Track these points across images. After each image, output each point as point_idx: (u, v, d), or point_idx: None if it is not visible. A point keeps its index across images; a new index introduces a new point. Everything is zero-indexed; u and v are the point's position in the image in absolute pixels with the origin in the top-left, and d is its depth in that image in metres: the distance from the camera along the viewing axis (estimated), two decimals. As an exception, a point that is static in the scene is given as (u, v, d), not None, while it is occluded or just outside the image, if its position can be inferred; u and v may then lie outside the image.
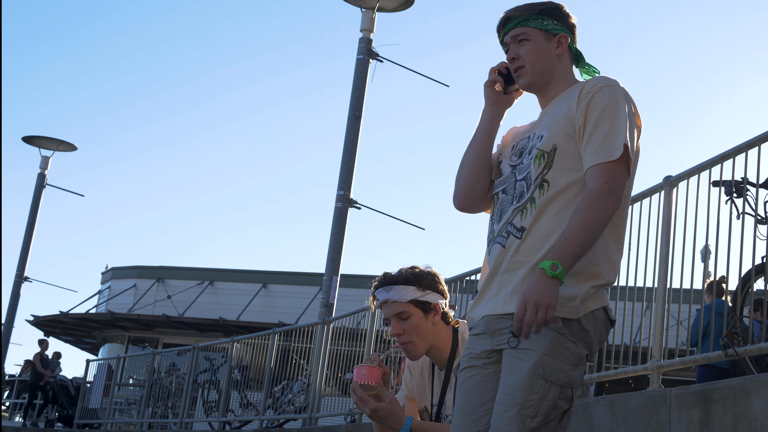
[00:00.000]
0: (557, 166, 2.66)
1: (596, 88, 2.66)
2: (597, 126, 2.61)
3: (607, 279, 2.66)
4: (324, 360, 9.97)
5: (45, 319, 25.42)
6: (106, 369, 17.49)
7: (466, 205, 2.89)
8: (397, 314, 3.27)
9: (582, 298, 2.59)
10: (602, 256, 2.64)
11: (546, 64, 2.79)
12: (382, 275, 3.33)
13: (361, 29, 12.88)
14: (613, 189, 2.56)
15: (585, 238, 2.50)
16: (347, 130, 12.59)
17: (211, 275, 25.92)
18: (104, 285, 27.69)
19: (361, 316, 9.72)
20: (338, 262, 12.11)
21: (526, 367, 2.53)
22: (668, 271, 5.23)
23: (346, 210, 12.26)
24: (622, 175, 2.59)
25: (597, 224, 2.52)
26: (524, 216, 2.67)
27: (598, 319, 2.63)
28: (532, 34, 2.80)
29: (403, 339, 3.27)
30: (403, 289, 3.26)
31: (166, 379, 15.36)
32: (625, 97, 2.66)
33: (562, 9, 2.84)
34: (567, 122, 2.67)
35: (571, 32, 2.83)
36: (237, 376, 12.91)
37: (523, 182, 2.71)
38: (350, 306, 11.06)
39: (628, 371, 5.48)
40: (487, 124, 2.89)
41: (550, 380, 2.52)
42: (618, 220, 2.70)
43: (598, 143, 2.59)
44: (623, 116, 2.61)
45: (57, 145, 20.02)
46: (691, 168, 5.15)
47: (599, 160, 2.58)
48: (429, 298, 3.27)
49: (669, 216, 5.28)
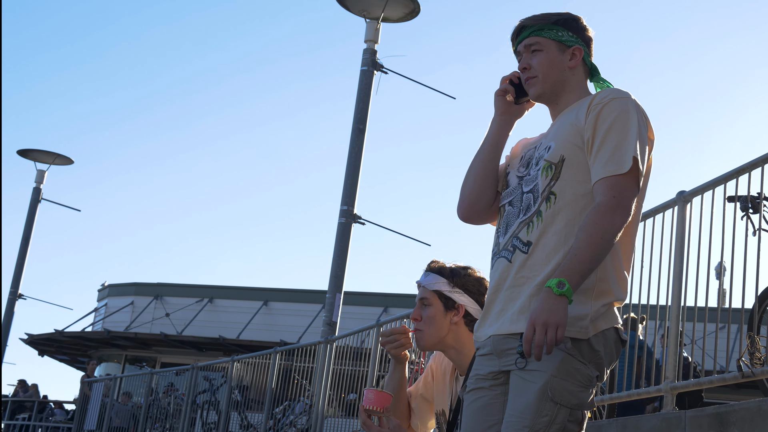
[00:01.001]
0: (565, 178, 2.65)
1: (606, 99, 2.66)
2: (606, 138, 2.61)
3: (618, 296, 2.64)
4: (327, 380, 9.94)
5: (39, 337, 25.41)
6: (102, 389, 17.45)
7: (470, 216, 2.89)
8: (421, 299, 3.34)
9: (592, 317, 2.58)
10: (612, 273, 2.63)
11: (558, 75, 2.79)
12: (431, 261, 3.42)
13: (366, 40, 12.90)
14: (621, 203, 2.55)
15: (592, 255, 2.50)
16: (351, 143, 12.60)
17: (210, 292, 25.90)
18: (101, 302, 27.69)
19: (365, 334, 9.69)
20: (342, 279, 12.09)
21: (534, 389, 2.52)
22: (682, 288, 5.22)
23: (350, 226, 12.26)
24: (630, 189, 2.58)
25: (604, 239, 2.51)
26: (531, 230, 2.66)
27: (608, 339, 2.62)
28: (546, 45, 2.80)
29: (417, 325, 3.33)
30: (435, 278, 3.33)
31: (164, 399, 15.33)
32: (636, 110, 2.65)
33: (579, 21, 2.83)
34: (575, 133, 2.67)
35: (586, 45, 2.83)
36: (237, 396, 12.87)
37: (530, 195, 2.71)
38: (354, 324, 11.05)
39: (641, 392, 5.45)
40: (495, 134, 2.90)
41: (560, 402, 2.51)
42: (627, 235, 2.69)
43: (606, 156, 2.59)
44: (633, 129, 2.61)
45: (53, 158, 20.05)
46: (706, 183, 5.14)
47: (607, 173, 2.58)
48: (455, 297, 3.30)
49: (683, 232, 5.27)
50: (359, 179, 12.46)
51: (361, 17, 12.93)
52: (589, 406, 2.59)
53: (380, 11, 12.81)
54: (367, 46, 12.90)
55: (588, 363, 2.56)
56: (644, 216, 5.62)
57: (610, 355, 2.63)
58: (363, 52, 12.92)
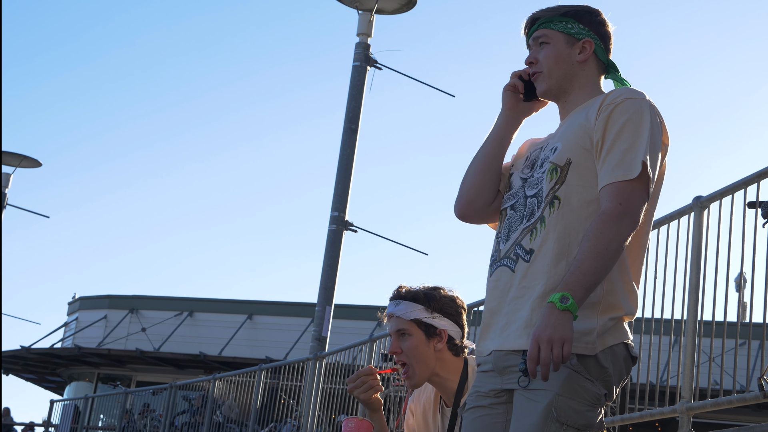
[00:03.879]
0: (571, 182, 2.66)
1: (619, 99, 2.66)
2: (616, 141, 2.61)
3: (627, 310, 2.65)
4: (316, 400, 9.94)
5: (5, 354, 25.31)
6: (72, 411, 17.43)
7: (467, 213, 2.91)
8: (398, 331, 3.32)
9: (599, 331, 2.59)
10: (620, 285, 2.64)
11: (565, 70, 2.80)
12: (397, 288, 3.39)
13: (358, 33, 12.92)
14: (627, 210, 2.56)
15: (597, 266, 2.50)
16: (342, 144, 12.61)
17: (190, 305, 25.88)
18: (71, 316, 27.64)
19: (357, 350, 9.69)
20: (332, 291, 12.10)
21: (538, 409, 2.53)
22: (699, 301, 5.23)
23: (341, 233, 12.27)
24: (639, 196, 2.59)
25: (609, 249, 2.52)
26: (533, 237, 2.67)
27: (617, 356, 2.63)
28: (553, 37, 2.81)
29: (400, 358, 3.31)
30: (410, 305, 3.31)
31: (139, 421, 15.33)
32: (650, 111, 2.66)
33: (593, 14, 2.84)
34: (584, 134, 2.68)
35: (601, 39, 2.83)
36: (219, 417, 12.87)
37: (534, 199, 2.72)
38: (345, 339, 11.04)
39: (655, 413, 5.46)
40: (500, 129, 2.91)
41: (566, 423, 2.52)
42: (637, 245, 2.70)
43: (615, 160, 2.60)
44: (645, 132, 2.61)
45: (19, 161, 20.05)
46: (724, 187, 5.15)
47: (615, 178, 2.58)
48: (435, 322, 3.30)
49: (699, 240, 5.28)
50: (351, 183, 12.47)
51: (353, 9, 12.95)
52: (598, 427, 2.60)
53: (374, 2, 12.83)
54: (359, 40, 12.92)
55: (595, 380, 2.57)
56: (658, 223, 5.62)
57: (620, 372, 2.64)
58: (355, 46, 12.94)
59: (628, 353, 2.66)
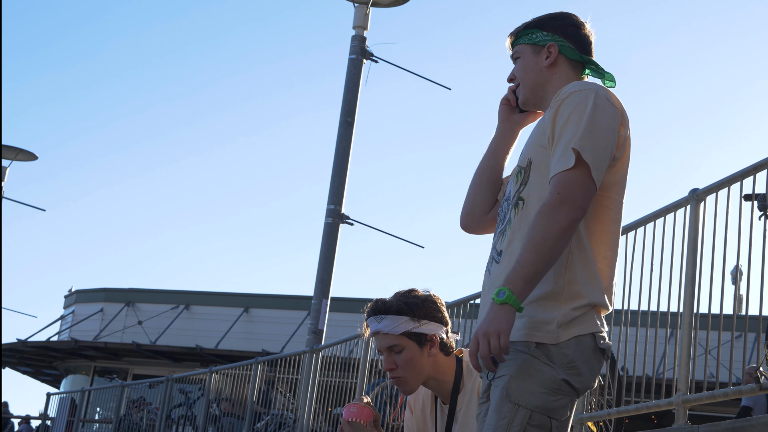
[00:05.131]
0: (532, 182, 2.74)
1: (566, 94, 2.71)
2: (561, 134, 2.67)
3: (592, 299, 2.66)
4: (312, 393, 9.95)
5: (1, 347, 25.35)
6: (68, 404, 17.43)
7: (467, 224, 3.05)
8: (389, 347, 3.27)
9: (560, 321, 2.62)
10: (583, 274, 2.66)
11: (534, 78, 2.88)
12: (374, 302, 3.34)
13: (354, 26, 12.91)
14: (565, 199, 2.59)
15: (535, 257, 2.55)
16: (338, 137, 12.61)
17: (186, 298, 25.89)
18: (67, 310, 27.64)
19: (353, 343, 9.70)
20: (328, 284, 12.11)
21: (497, 393, 2.62)
22: (695, 294, 5.24)
23: (338, 226, 12.27)
24: (579, 182, 2.61)
25: (546, 239, 2.55)
26: (503, 239, 2.77)
27: (585, 346, 2.65)
28: (522, 51, 2.91)
29: (396, 373, 3.28)
30: (395, 319, 3.26)
31: (136, 414, 15.32)
32: (596, 100, 2.67)
33: (557, 18, 2.90)
34: (541, 133, 2.75)
35: (569, 40, 2.87)
36: (215, 410, 12.88)
37: (506, 203, 2.83)
38: (341, 333, 11.04)
39: (651, 406, 5.47)
40: (495, 141, 3.04)
41: (517, 403, 2.58)
42: (604, 233, 2.71)
43: (559, 153, 2.65)
44: (586, 121, 2.64)
45: (15, 154, 20.01)
46: (721, 180, 5.16)
47: (557, 170, 2.64)
48: (424, 329, 3.27)
49: (696, 233, 5.28)
50: (347, 176, 12.47)
51: (349, 1, 12.94)
52: (559, 415, 2.62)
53: (370, -6, 12.81)
54: (355, 33, 12.91)
55: (557, 367, 2.61)
56: (654, 216, 5.63)
57: (589, 363, 2.66)
58: (351, 39, 12.93)
59: (595, 344, 2.66)
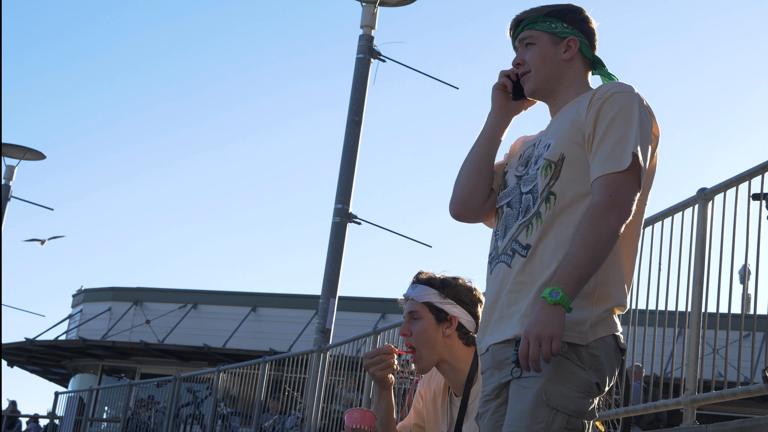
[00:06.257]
0: (565, 177, 2.71)
1: (608, 93, 2.71)
2: (606, 134, 2.66)
3: (618, 301, 2.69)
4: (320, 392, 9.96)
5: (9, 346, 25.39)
6: (77, 403, 17.47)
7: (461, 213, 2.95)
8: (410, 312, 3.36)
9: (592, 322, 2.63)
10: (614, 276, 2.69)
11: (552, 69, 2.85)
12: (418, 272, 3.44)
13: (362, 25, 12.91)
14: (617, 202, 2.60)
15: (588, 259, 2.55)
16: (346, 137, 12.61)
17: (194, 298, 25.91)
18: (75, 309, 27.68)
19: (361, 343, 9.71)
20: (336, 283, 12.11)
21: (529, 395, 2.58)
22: (703, 293, 5.23)
23: (345, 225, 12.27)
24: (629, 187, 2.63)
25: (599, 241, 2.56)
26: (530, 232, 2.72)
27: (608, 347, 2.67)
28: (539, 38, 2.86)
29: (409, 341, 3.35)
30: (425, 289, 3.36)
31: (143, 413, 15.34)
32: (639, 104, 2.70)
33: (576, 12, 2.89)
34: (576, 130, 2.73)
35: (586, 36, 2.88)
36: (223, 409, 12.89)
37: (529, 195, 2.77)
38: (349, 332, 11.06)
39: (659, 405, 5.47)
40: (490, 128, 2.96)
41: (556, 408, 2.56)
42: (630, 236, 2.74)
43: (606, 153, 2.65)
44: (635, 124, 2.66)
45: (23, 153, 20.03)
46: (729, 179, 5.16)
47: (605, 171, 2.63)
48: (447, 308, 3.33)
49: (704, 232, 5.28)
50: (355, 175, 12.47)
51: (357, 0, 12.94)
52: (590, 416, 2.63)
53: (378, -6, 12.81)
54: (363, 32, 12.91)
55: (588, 368, 2.61)
56: (662, 215, 5.63)
57: (611, 363, 2.68)
58: (359, 38, 12.93)
59: (617, 345, 2.69)
